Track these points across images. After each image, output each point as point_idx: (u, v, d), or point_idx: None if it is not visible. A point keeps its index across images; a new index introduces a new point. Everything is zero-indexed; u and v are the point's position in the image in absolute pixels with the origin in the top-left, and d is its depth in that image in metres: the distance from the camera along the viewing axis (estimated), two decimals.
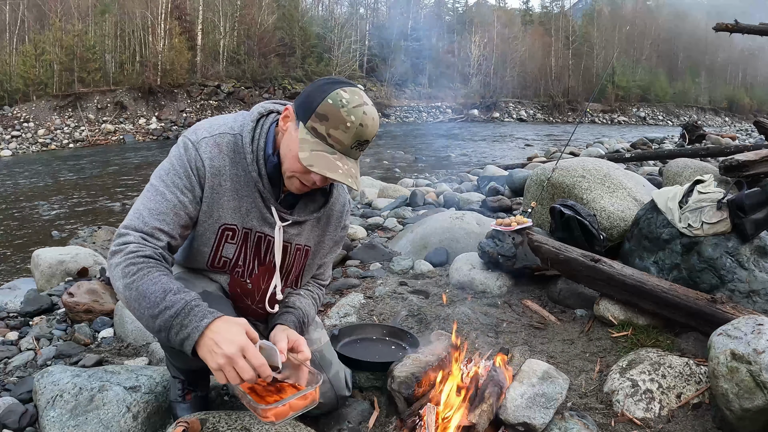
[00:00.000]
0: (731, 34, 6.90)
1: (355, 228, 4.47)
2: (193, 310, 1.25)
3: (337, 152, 1.37)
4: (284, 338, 1.45)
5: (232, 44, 29.94)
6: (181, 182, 1.44)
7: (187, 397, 1.81)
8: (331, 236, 1.72)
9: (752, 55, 56.00)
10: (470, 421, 1.67)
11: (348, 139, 1.36)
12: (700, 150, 8.24)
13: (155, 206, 1.40)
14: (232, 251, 1.56)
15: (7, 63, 22.09)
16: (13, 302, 3.30)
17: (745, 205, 2.42)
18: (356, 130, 1.35)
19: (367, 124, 1.37)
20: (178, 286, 1.30)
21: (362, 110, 1.36)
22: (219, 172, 1.47)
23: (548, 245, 2.82)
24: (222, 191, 1.49)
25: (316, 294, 1.80)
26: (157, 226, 1.38)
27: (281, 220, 1.55)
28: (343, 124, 1.35)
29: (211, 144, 1.47)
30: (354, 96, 1.37)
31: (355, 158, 1.42)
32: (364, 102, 1.37)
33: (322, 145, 1.37)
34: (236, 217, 1.52)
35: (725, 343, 1.77)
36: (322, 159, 1.35)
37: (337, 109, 1.34)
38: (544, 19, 52.71)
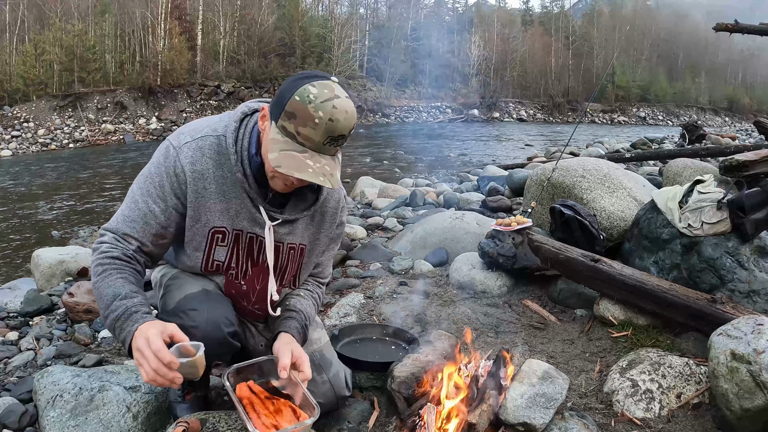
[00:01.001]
0: (731, 34, 6.90)
1: (355, 228, 4.47)
2: (131, 317, 1.34)
3: (308, 150, 1.33)
4: (288, 354, 1.47)
5: (232, 44, 29.94)
6: (154, 191, 1.46)
7: (187, 397, 1.81)
8: (326, 233, 1.69)
9: (752, 55, 56.01)
10: (470, 421, 1.67)
11: (318, 135, 1.31)
12: (700, 150, 8.23)
13: (128, 213, 1.47)
14: (224, 254, 1.56)
15: (7, 63, 22.09)
16: (13, 302, 3.30)
17: (745, 205, 2.42)
18: (326, 125, 1.30)
19: (338, 119, 1.31)
20: (127, 291, 1.37)
21: (331, 104, 1.30)
22: (202, 176, 1.47)
23: (548, 245, 2.82)
24: (207, 195, 1.48)
25: (317, 293, 1.80)
26: (127, 232, 1.46)
27: (271, 219, 1.53)
28: (311, 121, 1.30)
29: (193, 148, 1.46)
30: (323, 90, 1.31)
31: (330, 154, 1.37)
32: (334, 95, 1.32)
33: (292, 144, 1.33)
34: (225, 219, 1.51)
35: (725, 343, 1.77)
36: (291, 159, 1.32)
37: (304, 105, 1.30)
38: (544, 19, 52.71)
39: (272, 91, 29.49)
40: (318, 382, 1.80)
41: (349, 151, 17.01)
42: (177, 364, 1.26)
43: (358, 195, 7.35)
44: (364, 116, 31.97)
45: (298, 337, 1.63)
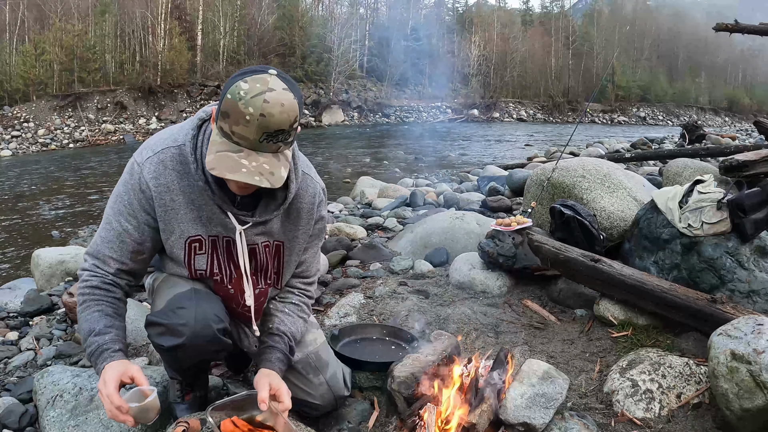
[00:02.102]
0: (731, 34, 6.90)
1: (355, 228, 4.47)
2: (101, 355, 1.41)
3: (245, 149, 1.29)
4: (266, 386, 1.48)
5: (232, 44, 29.95)
6: (125, 210, 1.48)
7: (186, 398, 1.81)
8: (304, 230, 1.65)
9: (752, 55, 56.00)
10: (470, 421, 1.67)
11: (252, 133, 1.26)
12: (700, 150, 8.23)
13: (104, 234, 1.51)
14: (204, 262, 1.56)
15: (7, 63, 22.09)
16: (13, 302, 3.30)
17: (745, 205, 2.42)
18: (258, 121, 1.25)
19: (272, 113, 1.25)
20: (101, 327, 1.44)
21: (262, 99, 1.24)
22: (167, 189, 1.46)
23: (548, 245, 2.82)
24: (176, 206, 1.48)
25: (303, 306, 1.77)
26: (106, 254, 1.50)
27: (241, 223, 1.51)
28: (242, 118, 1.25)
29: (155, 162, 1.46)
30: (255, 85, 1.25)
31: (271, 151, 1.31)
32: (267, 89, 1.25)
33: (228, 144, 1.29)
34: (199, 227, 1.51)
35: (725, 343, 1.77)
36: (225, 160, 1.28)
37: (235, 102, 1.25)
38: (544, 19, 52.70)
39: None
40: (315, 383, 1.80)
41: (349, 151, 17.01)
42: (126, 409, 1.33)
43: (358, 195, 7.35)
44: (364, 116, 31.98)
45: (282, 365, 1.63)
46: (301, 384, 1.79)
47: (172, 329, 1.48)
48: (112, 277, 1.51)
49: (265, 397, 1.45)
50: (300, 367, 1.78)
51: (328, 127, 28.82)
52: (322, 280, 3.25)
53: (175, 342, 1.47)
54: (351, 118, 31.46)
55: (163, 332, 1.49)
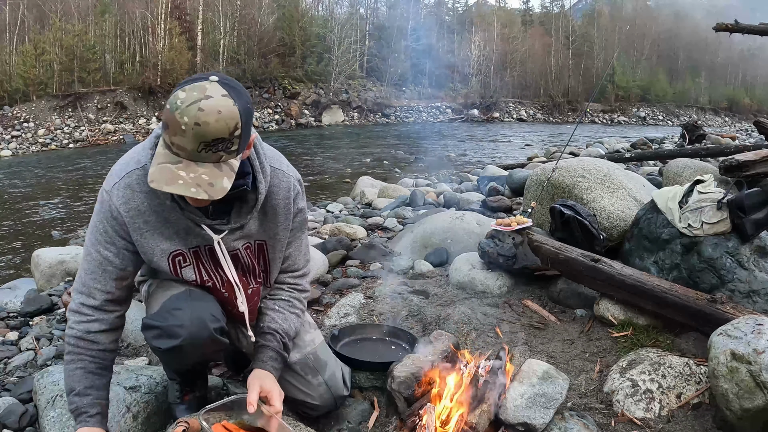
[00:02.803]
0: (731, 34, 6.90)
1: (355, 228, 4.47)
2: (79, 417, 1.47)
3: (183, 159, 1.25)
4: (256, 388, 1.49)
5: (232, 44, 29.92)
6: (102, 238, 1.48)
7: (185, 398, 1.81)
8: (284, 226, 1.63)
9: (752, 55, 55.99)
10: (470, 421, 1.67)
11: (189, 143, 1.22)
12: (700, 150, 8.23)
13: (87, 266, 1.51)
14: (192, 273, 1.56)
15: (7, 63, 22.07)
16: (13, 302, 3.30)
17: (745, 205, 2.42)
18: (194, 131, 1.20)
19: (207, 122, 1.20)
20: (81, 388, 1.48)
21: (197, 107, 1.20)
22: (138, 212, 1.45)
23: (548, 245, 2.82)
24: (151, 226, 1.47)
25: (294, 302, 1.76)
26: (91, 285, 1.50)
27: (217, 232, 1.50)
28: (179, 128, 1.21)
29: (122, 188, 1.45)
30: (192, 93, 1.21)
31: (212, 161, 1.26)
32: (204, 96, 1.21)
33: (169, 156, 1.26)
34: (177, 242, 1.50)
35: (725, 343, 1.77)
36: (163, 172, 1.25)
37: (172, 113, 1.21)
38: (544, 19, 52.69)
39: (272, 91, 29.50)
40: (314, 384, 1.80)
41: (350, 151, 17.01)
42: None
43: (358, 195, 7.35)
44: (364, 116, 31.97)
45: (276, 364, 1.63)
46: (299, 385, 1.79)
47: (168, 331, 1.47)
48: (97, 316, 1.50)
49: (254, 400, 1.45)
50: (298, 368, 1.78)
51: (328, 127, 28.81)
52: (322, 280, 3.25)
53: (173, 343, 1.47)
54: (351, 118, 31.45)
55: (160, 334, 1.49)
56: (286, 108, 28.65)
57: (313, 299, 2.90)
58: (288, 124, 27.54)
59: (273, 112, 28.33)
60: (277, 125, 27.11)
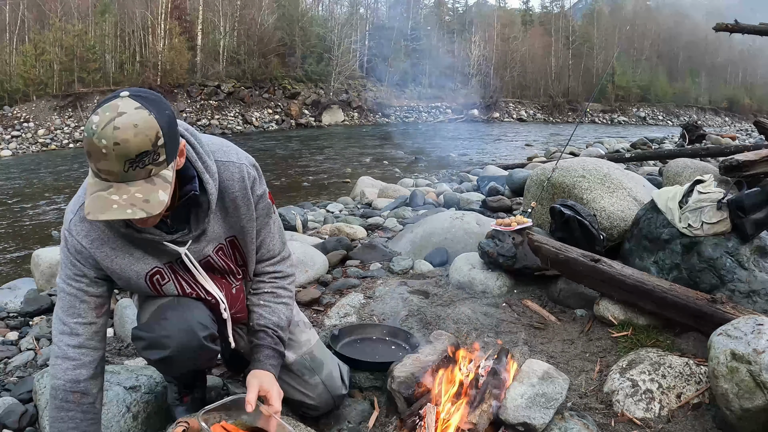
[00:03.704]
0: (731, 34, 6.90)
1: (355, 228, 4.47)
2: None
3: (114, 183, 1.20)
4: (255, 388, 1.47)
5: (232, 44, 29.91)
6: (71, 272, 1.45)
7: (185, 399, 1.80)
8: (248, 217, 1.57)
9: (752, 55, 55.99)
10: (470, 421, 1.67)
11: (114, 165, 1.17)
12: (700, 150, 8.24)
13: (64, 304, 1.47)
14: (173, 288, 1.53)
15: (7, 63, 22.07)
16: (13, 302, 3.30)
17: (745, 205, 2.42)
18: (115, 151, 1.15)
19: (126, 138, 1.15)
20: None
21: (112, 126, 1.15)
22: (102, 240, 1.42)
23: (548, 245, 2.82)
24: (119, 252, 1.44)
25: (279, 291, 1.70)
26: (72, 321, 1.46)
27: (181, 245, 1.46)
28: (100, 153, 1.16)
29: (78, 222, 1.42)
30: (105, 114, 1.16)
31: (142, 177, 1.21)
32: (117, 114, 1.16)
33: (100, 183, 1.21)
34: (150, 260, 1.47)
35: (725, 343, 1.77)
36: (96, 201, 1.21)
37: (90, 139, 1.16)
38: (544, 19, 52.69)
39: (272, 91, 29.50)
40: (311, 384, 1.80)
41: (350, 151, 17.01)
42: None
43: (358, 195, 7.35)
44: (364, 116, 31.97)
45: (273, 361, 1.61)
46: (297, 385, 1.79)
47: (156, 342, 1.46)
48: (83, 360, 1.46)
49: (252, 399, 1.44)
50: (295, 369, 1.78)
51: (328, 127, 28.82)
52: (322, 280, 3.25)
53: (162, 354, 1.46)
54: (351, 118, 31.45)
55: (148, 346, 1.48)
56: (286, 108, 28.66)
57: (313, 299, 2.90)
58: (288, 124, 27.54)
59: (273, 112, 28.33)
60: (277, 125, 27.12)
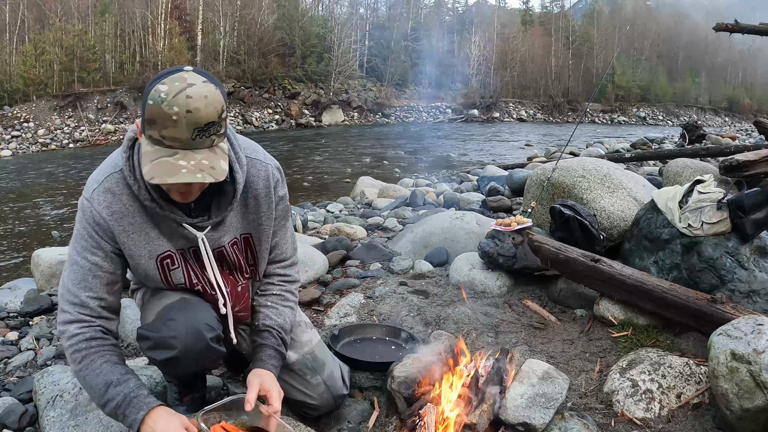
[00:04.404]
0: (731, 34, 6.90)
1: (355, 228, 4.47)
2: (132, 402, 1.36)
3: (179, 150, 1.26)
4: (255, 387, 1.48)
5: (232, 44, 29.92)
6: (87, 244, 1.45)
7: (184, 399, 1.80)
8: (267, 216, 1.61)
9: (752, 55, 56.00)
10: (470, 421, 1.67)
11: (183, 132, 1.23)
12: (700, 150, 8.24)
13: (75, 276, 1.45)
14: (181, 275, 1.54)
15: (7, 63, 22.08)
16: (13, 302, 3.30)
17: (745, 205, 2.42)
18: (187, 119, 1.22)
19: (198, 107, 1.22)
20: (118, 376, 1.39)
21: (185, 95, 1.22)
22: (123, 214, 1.43)
23: (548, 245, 2.82)
24: (137, 228, 1.45)
25: (287, 294, 1.74)
26: (84, 295, 1.44)
27: (199, 230, 1.49)
28: (170, 120, 1.22)
29: (102, 192, 1.43)
30: (173, 84, 1.23)
31: (207, 146, 1.28)
32: (187, 85, 1.24)
33: (162, 150, 1.26)
34: (164, 243, 1.49)
35: (725, 343, 1.77)
36: (161, 166, 1.25)
37: (158, 107, 1.22)
38: (544, 19, 52.69)
39: (272, 91, 29.50)
40: (313, 384, 1.80)
41: (349, 151, 17.01)
42: None
43: (358, 195, 7.35)
44: (364, 116, 31.97)
45: (275, 362, 1.62)
46: (298, 385, 1.79)
47: (163, 343, 1.46)
48: (100, 325, 1.45)
49: (252, 398, 1.44)
50: (297, 369, 1.78)
51: (328, 127, 28.82)
52: (322, 280, 3.25)
53: (168, 355, 1.46)
54: (351, 118, 31.46)
55: (154, 346, 1.48)
56: (286, 108, 28.66)
57: (313, 299, 2.90)
58: (288, 124, 27.54)
59: (273, 112, 28.33)
60: (277, 125, 27.12)
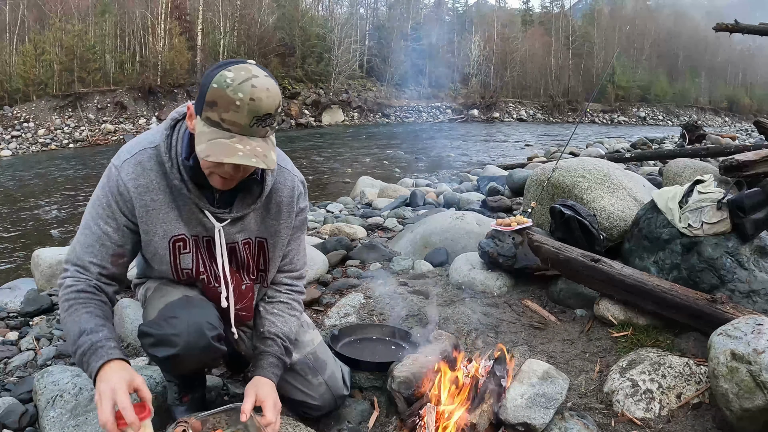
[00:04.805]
0: (731, 34, 6.91)
1: (355, 228, 4.47)
2: (97, 352, 1.34)
3: (236, 135, 1.30)
4: (252, 398, 1.48)
5: (232, 44, 29.94)
6: (103, 212, 1.47)
7: (184, 399, 1.80)
8: (286, 224, 1.65)
9: (752, 55, 56.00)
10: (470, 421, 1.67)
11: (243, 118, 1.29)
12: (700, 150, 8.23)
13: (84, 240, 1.49)
14: (190, 261, 1.55)
15: (7, 63, 22.09)
16: (13, 302, 3.30)
17: (745, 205, 2.42)
18: (249, 106, 1.28)
19: (260, 97, 1.29)
20: (92, 326, 1.38)
21: (250, 84, 1.28)
22: (147, 189, 1.46)
23: (548, 245, 2.82)
24: (158, 206, 1.47)
25: (294, 304, 1.76)
26: (87, 259, 1.47)
27: (219, 221, 1.52)
28: (232, 105, 1.28)
29: (133, 164, 1.46)
30: (239, 73, 1.30)
31: (261, 136, 1.33)
32: (252, 75, 1.30)
33: (219, 132, 1.30)
34: (181, 226, 1.51)
35: (725, 343, 1.77)
36: (218, 146, 1.29)
37: (223, 90, 1.28)
38: (544, 19, 52.70)
39: None
40: (314, 384, 1.80)
41: (349, 151, 17.01)
42: (137, 426, 1.25)
43: (358, 195, 7.35)
44: (364, 116, 31.98)
45: (276, 370, 1.62)
46: (300, 385, 1.79)
47: (164, 340, 1.46)
48: (95, 282, 1.47)
49: (247, 409, 1.45)
50: (298, 368, 1.78)
51: (328, 127, 28.82)
52: (322, 280, 3.25)
53: (169, 352, 1.46)
54: (351, 118, 31.46)
55: (156, 343, 1.48)
56: (286, 108, 28.66)
57: (313, 299, 2.90)
58: (288, 124, 27.55)
59: None
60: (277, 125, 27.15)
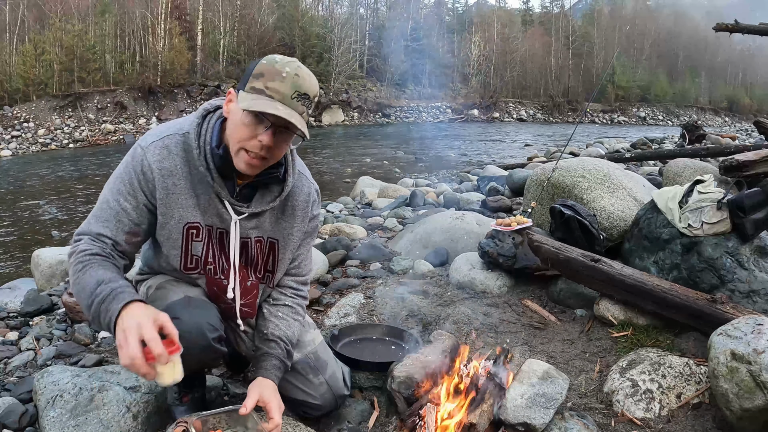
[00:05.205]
0: (731, 34, 6.91)
1: (355, 228, 4.47)
2: (117, 296, 1.30)
3: (278, 101, 1.38)
4: (254, 396, 1.49)
5: (232, 44, 29.95)
6: (124, 189, 1.49)
7: (184, 399, 1.80)
8: (299, 228, 1.69)
9: (752, 55, 56.00)
10: (470, 421, 1.67)
11: (286, 88, 1.38)
12: (700, 150, 8.22)
13: (100, 213, 1.49)
14: (200, 249, 1.57)
15: (7, 63, 22.10)
16: (13, 302, 3.29)
17: (745, 205, 2.42)
18: (293, 79, 1.39)
19: (303, 76, 1.41)
20: (111, 276, 1.36)
21: (296, 65, 1.42)
22: (170, 172, 1.49)
23: (548, 245, 2.82)
24: (178, 191, 1.50)
25: (297, 308, 1.77)
26: (101, 232, 1.47)
27: (237, 213, 1.55)
28: (278, 75, 1.39)
29: (159, 146, 1.49)
30: (287, 58, 1.44)
31: (298, 111, 1.41)
32: (299, 64, 1.44)
33: (264, 98, 1.39)
34: (197, 214, 1.53)
35: (725, 343, 1.77)
36: (261, 101, 1.37)
37: (272, 64, 1.41)
38: (544, 19, 52.71)
39: None
40: (315, 384, 1.80)
41: (350, 151, 17.01)
42: (166, 359, 1.20)
43: (358, 195, 7.35)
44: (364, 116, 31.97)
45: (278, 372, 1.63)
46: (300, 385, 1.79)
47: None
48: (109, 250, 1.46)
49: (249, 405, 1.45)
50: (299, 368, 1.79)
51: (328, 127, 28.82)
52: (322, 280, 3.25)
53: None
54: (351, 118, 31.46)
55: None
56: None
57: (313, 299, 2.89)
58: None
59: None
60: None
